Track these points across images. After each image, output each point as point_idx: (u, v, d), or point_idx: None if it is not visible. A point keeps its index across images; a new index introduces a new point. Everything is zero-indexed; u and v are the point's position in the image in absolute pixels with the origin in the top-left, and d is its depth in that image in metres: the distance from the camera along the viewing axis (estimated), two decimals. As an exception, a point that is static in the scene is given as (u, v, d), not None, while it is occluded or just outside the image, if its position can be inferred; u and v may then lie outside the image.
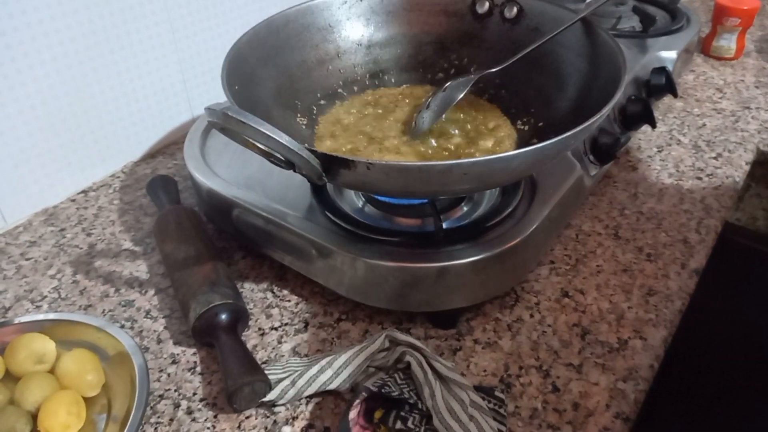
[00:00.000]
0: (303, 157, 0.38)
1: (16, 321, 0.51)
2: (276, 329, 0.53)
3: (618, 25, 0.86)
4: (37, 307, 0.56)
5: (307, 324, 0.54)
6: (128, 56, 0.69)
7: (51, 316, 0.52)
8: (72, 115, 0.67)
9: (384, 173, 0.39)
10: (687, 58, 0.88)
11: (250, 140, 0.39)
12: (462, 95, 0.53)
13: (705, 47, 0.97)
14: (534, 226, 0.52)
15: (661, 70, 0.74)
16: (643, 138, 0.78)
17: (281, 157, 0.40)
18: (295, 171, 0.44)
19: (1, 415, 0.44)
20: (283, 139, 0.36)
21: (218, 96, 0.81)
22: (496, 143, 0.54)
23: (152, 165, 0.75)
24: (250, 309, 0.55)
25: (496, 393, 0.45)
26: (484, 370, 0.50)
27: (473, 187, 0.46)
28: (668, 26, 0.86)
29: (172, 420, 0.46)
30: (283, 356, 0.51)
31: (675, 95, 0.74)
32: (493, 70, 0.55)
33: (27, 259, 0.61)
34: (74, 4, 0.62)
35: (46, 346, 0.48)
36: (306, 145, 0.39)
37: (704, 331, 0.91)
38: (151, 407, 0.47)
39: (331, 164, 0.40)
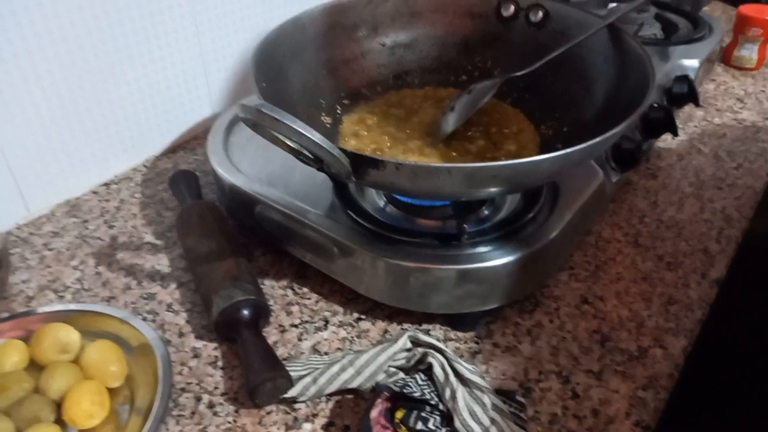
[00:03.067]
0: (334, 156, 0.38)
1: (41, 310, 0.52)
2: (296, 326, 0.54)
3: (640, 32, 0.86)
4: (60, 297, 0.56)
5: (327, 322, 0.54)
6: (152, 49, 0.70)
7: (75, 306, 0.53)
8: (96, 106, 0.67)
9: (412, 174, 0.39)
10: (708, 67, 0.88)
11: (280, 137, 0.40)
12: (487, 98, 0.53)
13: (726, 57, 0.97)
14: (556, 232, 0.52)
15: (684, 79, 0.74)
16: (664, 146, 0.78)
17: (310, 155, 0.40)
18: (321, 169, 0.44)
19: (26, 403, 0.44)
20: (316, 137, 0.36)
21: (239, 92, 0.82)
22: (520, 147, 0.54)
23: (173, 159, 0.75)
24: (271, 306, 0.55)
25: (517, 397, 0.46)
26: (504, 374, 0.50)
27: (500, 190, 0.46)
28: (690, 35, 0.86)
29: (193, 413, 0.46)
30: (303, 353, 0.51)
31: (697, 104, 0.74)
32: (519, 73, 0.55)
33: (50, 250, 0.62)
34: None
35: (70, 335, 0.49)
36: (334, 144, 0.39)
37: (725, 340, 0.91)
38: (173, 400, 0.47)
39: (361, 163, 0.40)
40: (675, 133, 0.68)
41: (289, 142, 0.39)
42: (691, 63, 0.81)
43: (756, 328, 0.93)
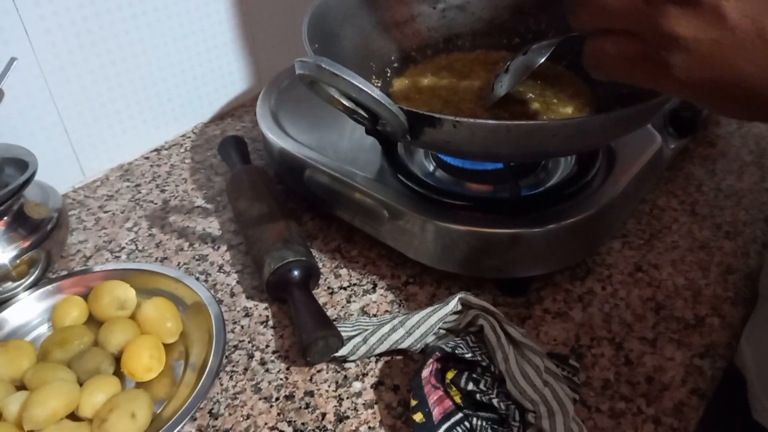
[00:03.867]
0: (392, 112, 0.37)
1: (99, 269, 0.54)
2: (345, 289, 0.54)
3: None
4: (116, 257, 0.58)
5: (375, 285, 0.54)
6: (201, 17, 0.70)
7: (131, 265, 0.54)
8: (148, 75, 0.68)
9: (470, 132, 0.39)
10: None
11: (336, 96, 0.39)
12: (543, 59, 0.51)
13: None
14: (611, 198, 0.51)
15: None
16: (722, 113, 0.75)
17: (364, 114, 0.40)
18: (374, 130, 0.44)
19: (87, 355, 0.46)
20: (375, 92, 0.36)
21: (285, 61, 0.82)
22: (576, 110, 0.52)
23: (221, 127, 0.76)
24: (320, 268, 0.55)
25: (571, 361, 0.45)
26: (555, 339, 0.49)
27: (558, 151, 0.45)
28: None
29: (246, 369, 0.47)
30: (352, 315, 0.52)
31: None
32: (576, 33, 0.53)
33: (105, 212, 0.63)
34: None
35: (127, 293, 0.50)
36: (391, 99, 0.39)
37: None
38: (227, 356, 0.48)
39: (418, 121, 0.39)
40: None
41: (344, 101, 0.39)
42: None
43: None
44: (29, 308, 0.51)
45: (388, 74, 0.58)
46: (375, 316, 0.51)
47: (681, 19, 0.27)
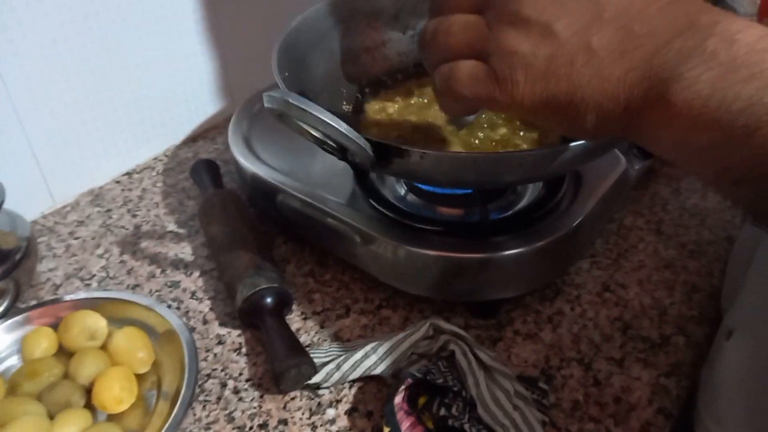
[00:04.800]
0: (359, 145, 0.38)
1: (68, 298, 0.53)
2: (318, 314, 0.54)
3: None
4: (87, 285, 0.57)
5: (348, 309, 0.54)
6: (173, 39, 0.70)
7: (101, 294, 0.54)
8: (118, 98, 0.68)
9: (437, 162, 0.40)
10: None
11: (305, 128, 0.40)
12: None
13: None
14: (578, 220, 0.52)
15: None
16: (686, 132, 0.77)
17: (334, 145, 0.40)
18: (345, 159, 0.44)
19: (57, 388, 0.45)
20: (342, 126, 0.37)
21: (258, 80, 0.82)
22: (543, 134, 0.53)
23: (193, 149, 0.76)
24: (293, 293, 0.55)
25: (540, 384, 0.46)
26: (525, 361, 0.50)
27: (524, 178, 0.46)
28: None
29: (219, 398, 0.47)
30: (325, 341, 0.52)
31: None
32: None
33: (75, 239, 0.63)
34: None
35: (98, 323, 0.50)
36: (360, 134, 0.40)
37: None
38: (199, 386, 0.48)
39: (385, 153, 0.40)
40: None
41: (314, 132, 0.40)
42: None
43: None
44: (-3, 340, 0.51)
45: (359, 100, 0.59)
46: (348, 341, 0.52)
47: (519, 38, 0.30)
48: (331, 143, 0.41)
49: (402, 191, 0.57)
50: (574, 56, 0.29)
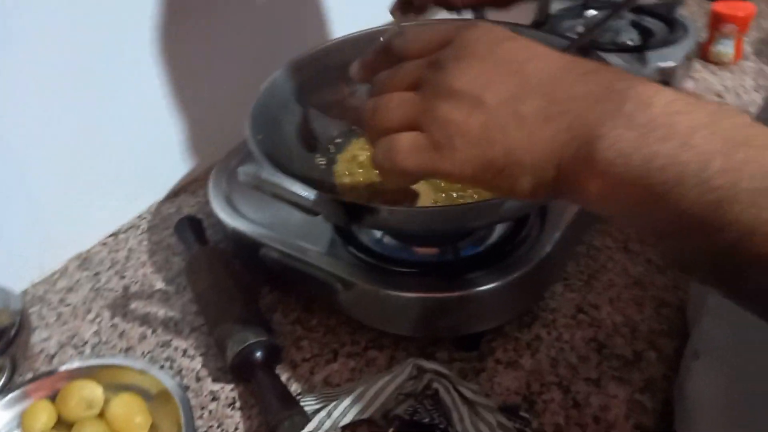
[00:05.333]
0: (330, 210, 0.41)
1: (63, 369, 0.54)
2: (307, 360, 0.56)
3: (617, 39, 0.89)
4: (80, 352, 0.59)
5: (336, 354, 0.57)
6: (149, 100, 0.72)
7: (95, 362, 0.55)
8: (98, 162, 0.70)
9: (405, 217, 0.42)
10: (687, 65, 0.91)
11: (280, 194, 0.42)
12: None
13: (704, 53, 1.00)
14: (548, 249, 0.55)
15: (662, 84, 0.77)
16: (647, 148, 0.80)
17: (308, 208, 0.43)
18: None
19: (59, 459, 0.47)
20: (312, 195, 0.39)
21: (234, 131, 0.84)
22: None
23: (176, 203, 0.78)
24: (281, 341, 0.57)
25: (521, 413, 0.48)
26: (508, 389, 0.52)
27: (490, 223, 0.48)
28: (667, 37, 0.88)
29: (217, 455, 0.49)
30: (315, 387, 0.54)
31: (675, 107, 0.77)
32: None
33: (66, 305, 0.65)
34: (92, 57, 0.66)
35: (94, 392, 0.51)
36: (329, 195, 0.42)
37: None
38: (197, 444, 0.50)
39: (356, 211, 0.43)
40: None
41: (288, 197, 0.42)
42: (669, 65, 0.83)
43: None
44: (-3, 417, 0.52)
45: (331, 150, 0.61)
46: (338, 385, 0.54)
47: (453, 109, 0.32)
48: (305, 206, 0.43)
49: (378, 234, 0.59)
50: (505, 122, 0.32)
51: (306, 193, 0.39)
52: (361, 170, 0.58)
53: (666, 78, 0.83)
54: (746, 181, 0.26)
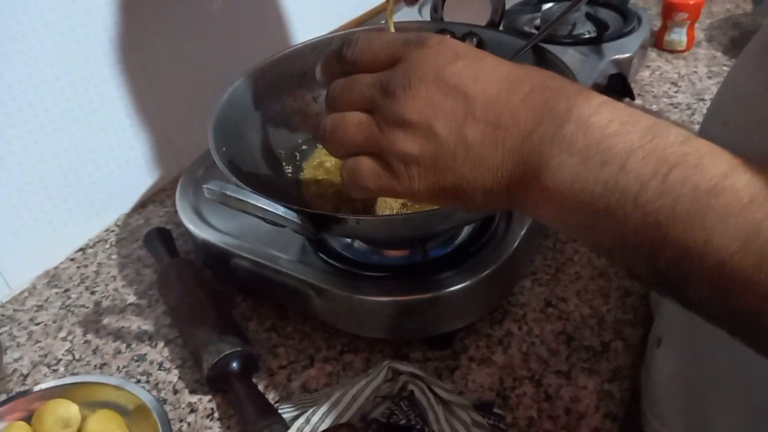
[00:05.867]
0: (298, 222, 0.41)
1: (37, 389, 0.54)
2: (284, 368, 0.57)
3: (574, 31, 0.91)
4: (54, 371, 0.59)
5: (312, 359, 0.57)
6: (110, 112, 0.72)
7: (70, 380, 0.55)
8: (63, 176, 0.69)
9: (372, 225, 0.43)
10: (642, 53, 0.93)
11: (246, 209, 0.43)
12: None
13: (658, 41, 1.02)
14: (515, 245, 0.56)
15: (618, 77, 0.79)
16: (608, 140, 0.82)
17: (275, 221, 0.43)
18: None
19: (38, 482, 0.47)
20: (279, 210, 0.40)
21: (198, 138, 0.83)
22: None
23: (144, 215, 0.78)
24: (257, 350, 0.58)
25: (495, 410, 0.49)
26: (482, 386, 0.54)
27: (455, 226, 0.50)
28: (621, 29, 0.91)
29: (198, 467, 0.49)
30: (293, 393, 0.54)
31: (633, 99, 0.79)
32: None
33: (36, 324, 0.64)
34: (54, 72, 0.65)
35: (70, 410, 0.51)
36: (296, 208, 0.43)
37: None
38: (177, 457, 0.50)
39: (324, 222, 0.43)
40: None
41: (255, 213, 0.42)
42: (625, 57, 0.86)
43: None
44: (-29, 441, 0.51)
45: (297, 158, 0.62)
46: (316, 390, 0.54)
47: (407, 140, 0.34)
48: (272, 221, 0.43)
49: (348, 239, 0.60)
50: (455, 151, 0.33)
51: (272, 208, 0.39)
52: (327, 176, 0.59)
53: (622, 69, 0.85)
54: (680, 203, 0.27)
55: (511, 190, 0.33)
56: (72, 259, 0.72)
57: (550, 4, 0.98)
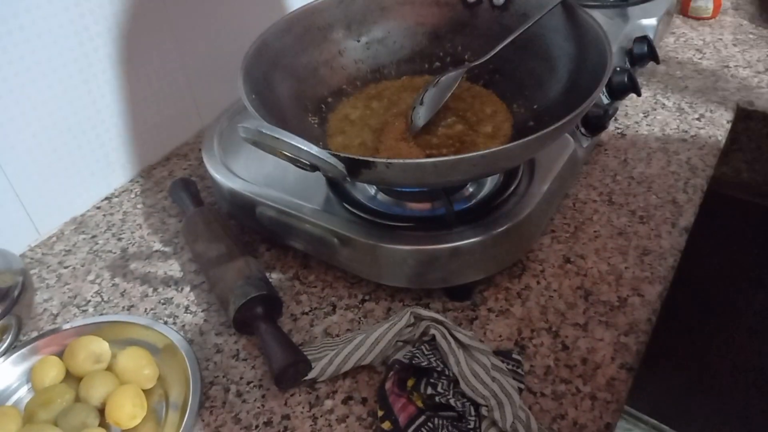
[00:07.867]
0: (330, 163, 0.42)
1: (70, 326, 0.56)
2: (307, 314, 0.58)
3: (599, -5, 0.90)
4: (83, 311, 0.60)
5: (334, 307, 0.59)
6: (137, 66, 0.72)
7: (100, 319, 0.57)
8: (91, 128, 0.70)
9: (401, 170, 0.44)
10: (667, 20, 0.92)
11: (278, 149, 0.43)
12: (454, 88, 0.57)
13: (683, 8, 1.01)
14: (536, 202, 0.57)
15: (643, 39, 0.78)
16: (630, 104, 0.82)
17: (307, 163, 0.44)
18: (317, 171, 0.48)
19: (71, 412, 0.49)
20: (312, 149, 0.40)
21: (221, 93, 0.84)
22: (496, 128, 0.58)
23: (168, 167, 0.79)
24: (281, 297, 0.59)
25: (514, 355, 0.51)
26: (500, 336, 0.55)
27: (481, 175, 0.50)
28: (647, -7, 0.89)
29: (224, 403, 0.51)
30: (316, 338, 0.56)
31: (657, 62, 0.78)
32: (478, 61, 0.59)
33: (65, 267, 0.66)
34: (84, 23, 0.65)
35: (101, 346, 0.53)
36: (328, 150, 0.43)
37: (697, 284, 0.97)
38: (204, 393, 0.52)
39: (354, 166, 0.44)
40: (638, 94, 0.72)
41: (287, 153, 0.43)
42: (650, 21, 0.85)
43: (725, 266, 0.99)
44: (6, 373, 0.53)
45: (324, 110, 0.62)
46: (338, 335, 0.56)
47: None
48: (303, 161, 0.44)
49: (372, 191, 0.61)
50: None
51: (306, 147, 0.40)
52: (352, 128, 0.59)
53: (647, 33, 0.84)
54: None
55: None
56: (98, 207, 0.73)
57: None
